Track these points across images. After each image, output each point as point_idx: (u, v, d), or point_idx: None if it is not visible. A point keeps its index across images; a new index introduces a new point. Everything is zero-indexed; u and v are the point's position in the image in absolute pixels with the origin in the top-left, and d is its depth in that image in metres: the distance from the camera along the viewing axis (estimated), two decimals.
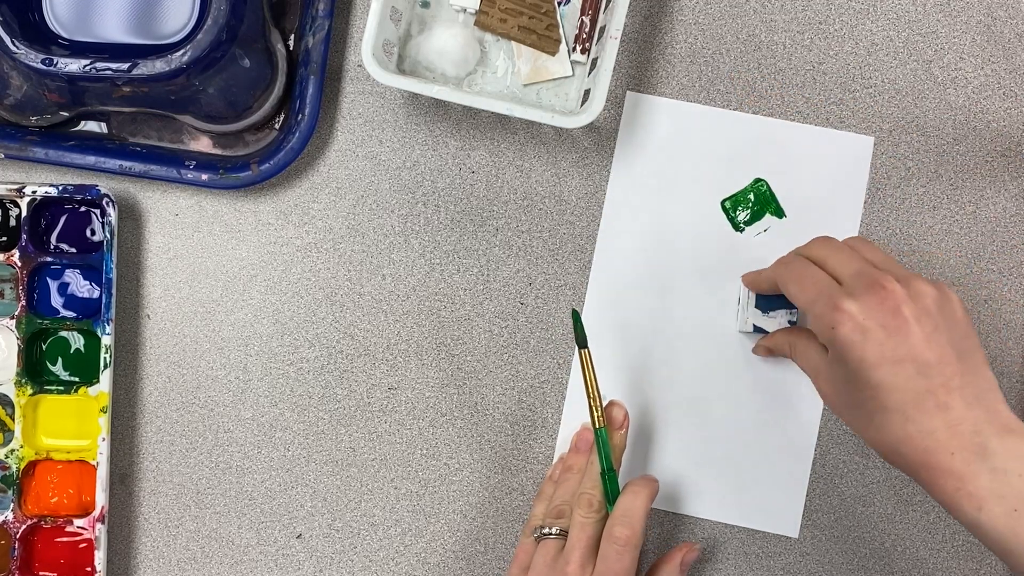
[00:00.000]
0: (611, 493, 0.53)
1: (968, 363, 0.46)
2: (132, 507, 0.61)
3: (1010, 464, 0.44)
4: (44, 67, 0.55)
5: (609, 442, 0.54)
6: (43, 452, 0.59)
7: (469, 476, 0.61)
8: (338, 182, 0.62)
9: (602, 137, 0.61)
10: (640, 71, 0.61)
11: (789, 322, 0.57)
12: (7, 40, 0.55)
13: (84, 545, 0.60)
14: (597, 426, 0.54)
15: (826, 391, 0.50)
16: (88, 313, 0.60)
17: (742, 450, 0.60)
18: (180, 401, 0.61)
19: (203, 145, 0.62)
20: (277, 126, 0.62)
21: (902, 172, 0.61)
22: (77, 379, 0.60)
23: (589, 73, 0.59)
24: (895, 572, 0.60)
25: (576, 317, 0.55)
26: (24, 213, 0.59)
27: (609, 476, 0.53)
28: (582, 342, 0.54)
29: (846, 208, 0.61)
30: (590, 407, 0.54)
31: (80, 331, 0.61)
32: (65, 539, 0.60)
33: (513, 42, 0.60)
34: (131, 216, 0.61)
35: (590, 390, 0.54)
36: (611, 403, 0.56)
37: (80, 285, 0.61)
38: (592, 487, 0.53)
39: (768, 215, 0.60)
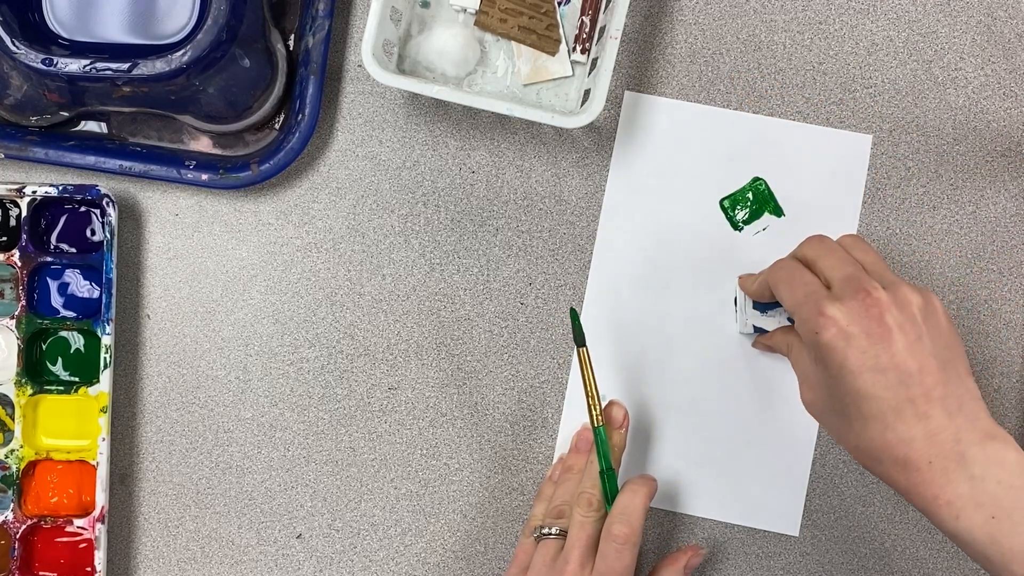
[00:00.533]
0: (610, 492, 0.53)
1: (950, 372, 0.46)
2: (132, 507, 0.61)
3: (988, 471, 0.44)
4: (44, 67, 0.55)
5: (608, 441, 0.54)
6: (43, 452, 0.59)
7: (469, 476, 0.60)
8: (338, 182, 0.62)
9: (602, 137, 0.61)
10: (640, 71, 0.61)
11: (788, 319, 0.57)
12: (7, 40, 0.55)
13: (84, 545, 0.60)
14: (595, 425, 0.54)
15: (808, 397, 0.50)
16: (88, 313, 0.60)
17: (742, 449, 0.60)
18: (180, 401, 0.61)
19: (203, 145, 0.62)
20: (277, 126, 0.62)
21: (902, 172, 0.61)
22: (77, 379, 0.60)
23: (589, 73, 0.59)
24: (895, 572, 0.60)
25: (574, 316, 0.55)
26: (24, 213, 0.59)
27: (608, 475, 0.53)
28: (580, 341, 0.54)
29: (845, 206, 0.61)
30: (588, 406, 0.54)
31: (80, 331, 0.61)
32: (65, 539, 0.60)
33: (513, 42, 0.60)
34: (131, 216, 0.62)
35: (588, 389, 0.54)
36: (611, 402, 0.56)
37: (80, 285, 0.61)
38: (591, 486, 0.53)
39: (767, 214, 0.60)
